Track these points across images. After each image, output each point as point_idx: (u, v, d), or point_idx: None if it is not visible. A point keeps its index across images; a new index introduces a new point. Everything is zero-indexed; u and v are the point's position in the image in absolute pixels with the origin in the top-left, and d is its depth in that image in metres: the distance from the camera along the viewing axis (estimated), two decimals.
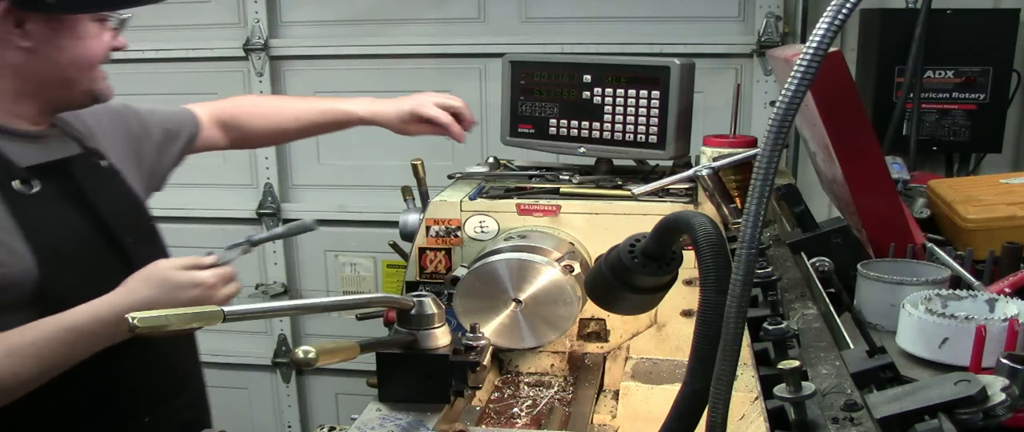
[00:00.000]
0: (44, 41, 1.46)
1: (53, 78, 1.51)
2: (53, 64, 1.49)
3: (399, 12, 3.23)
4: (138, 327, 0.95)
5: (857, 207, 1.69)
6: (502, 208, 1.87)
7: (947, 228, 1.89)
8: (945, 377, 0.98)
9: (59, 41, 1.48)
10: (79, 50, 1.50)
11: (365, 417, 1.31)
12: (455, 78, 3.25)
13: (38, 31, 1.45)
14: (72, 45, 1.49)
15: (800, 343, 1.21)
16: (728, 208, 1.73)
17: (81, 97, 1.57)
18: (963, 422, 0.92)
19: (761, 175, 0.76)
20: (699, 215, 0.94)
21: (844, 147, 1.61)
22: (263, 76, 3.33)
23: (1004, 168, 2.87)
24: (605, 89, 2.03)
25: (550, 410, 1.67)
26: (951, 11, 2.69)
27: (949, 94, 2.74)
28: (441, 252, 1.90)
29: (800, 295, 1.44)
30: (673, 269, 1.11)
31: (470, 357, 1.33)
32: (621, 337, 1.87)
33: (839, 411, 0.95)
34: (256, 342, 3.67)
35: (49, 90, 1.52)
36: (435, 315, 1.32)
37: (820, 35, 0.74)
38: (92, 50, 1.52)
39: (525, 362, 1.88)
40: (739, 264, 0.77)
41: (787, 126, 0.75)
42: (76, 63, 1.51)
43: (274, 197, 3.47)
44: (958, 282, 1.54)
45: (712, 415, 0.81)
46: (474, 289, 1.68)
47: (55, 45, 1.47)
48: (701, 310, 0.88)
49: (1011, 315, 1.24)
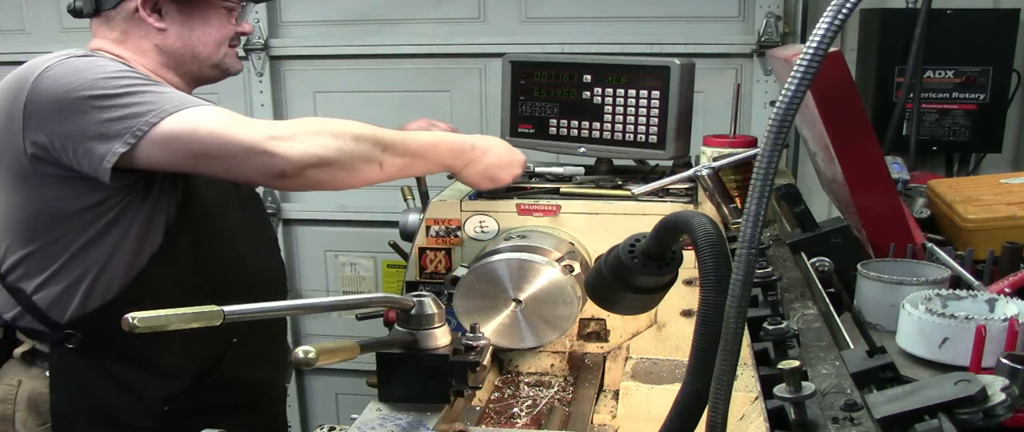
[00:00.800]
0: (176, 23, 1.79)
1: (186, 54, 1.82)
2: (185, 41, 1.80)
3: (399, 12, 3.23)
4: (138, 327, 0.95)
5: (857, 207, 1.69)
6: (502, 208, 1.87)
7: (947, 228, 1.89)
8: (945, 377, 0.98)
9: (190, 23, 1.80)
10: (206, 31, 1.82)
11: (365, 417, 1.31)
12: (455, 78, 3.25)
13: (172, 14, 1.78)
14: (200, 27, 1.81)
15: (800, 343, 1.21)
16: (728, 208, 1.73)
17: (211, 70, 1.88)
18: (963, 422, 0.92)
19: (761, 175, 0.76)
20: (699, 215, 0.94)
21: (844, 147, 1.61)
22: (263, 76, 3.33)
23: (1004, 168, 2.87)
24: (605, 89, 2.03)
25: (550, 410, 1.67)
26: (951, 11, 2.69)
27: (949, 94, 2.74)
28: (441, 252, 1.90)
29: (800, 295, 1.44)
30: (673, 269, 1.11)
31: (470, 357, 1.33)
32: (621, 337, 1.87)
33: (839, 411, 0.95)
34: None
35: (184, 64, 1.83)
36: (435, 315, 1.32)
37: (820, 35, 0.74)
38: (217, 32, 1.83)
39: (525, 362, 1.88)
40: (739, 264, 0.77)
41: (787, 126, 0.75)
42: (203, 41, 1.82)
43: (274, 197, 3.47)
44: (958, 282, 1.54)
45: (712, 415, 0.81)
46: (474, 289, 1.68)
47: (186, 26, 1.80)
48: (701, 310, 0.88)
49: (1011, 315, 1.24)
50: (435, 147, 1.75)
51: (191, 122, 1.56)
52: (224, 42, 1.86)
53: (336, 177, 1.60)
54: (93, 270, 1.69)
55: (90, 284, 1.70)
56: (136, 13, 1.76)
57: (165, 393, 1.79)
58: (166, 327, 0.97)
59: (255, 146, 1.53)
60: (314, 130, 1.58)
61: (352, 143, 1.59)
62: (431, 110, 3.26)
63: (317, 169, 1.56)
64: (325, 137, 1.57)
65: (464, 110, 3.26)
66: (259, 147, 1.53)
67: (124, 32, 1.78)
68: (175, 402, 1.80)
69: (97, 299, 1.71)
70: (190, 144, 1.56)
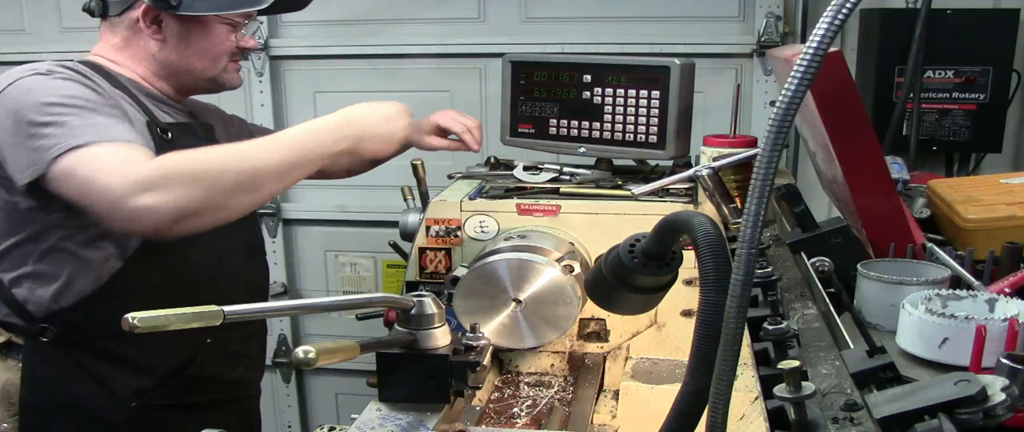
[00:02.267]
0: (174, 36, 1.81)
1: (180, 66, 1.84)
2: (181, 54, 1.83)
3: (399, 12, 3.23)
4: (138, 327, 0.95)
5: (857, 207, 1.69)
6: (502, 208, 1.87)
7: (947, 228, 1.89)
8: (945, 377, 0.98)
9: (188, 38, 1.82)
10: (203, 46, 1.83)
11: (365, 417, 1.31)
12: (455, 78, 3.25)
13: (171, 27, 1.80)
14: (199, 42, 1.82)
15: (800, 343, 1.21)
16: (728, 208, 1.73)
17: (207, 83, 1.90)
18: (963, 422, 0.92)
19: (761, 175, 0.76)
20: (699, 215, 0.94)
21: (844, 147, 1.61)
22: (263, 76, 3.33)
23: (1004, 168, 2.87)
24: (605, 89, 2.03)
25: (550, 410, 1.67)
26: (951, 11, 2.69)
27: (949, 94, 2.74)
28: (441, 252, 1.89)
29: (800, 295, 1.44)
30: (673, 269, 1.11)
31: (470, 357, 1.33)
32: (621, 337, 1.87)
33: (839, 411, 0.95)
34: None
35: (178, 75, 1.86)
36: (435, 315, 1.32)
37: (820, 35, 0.74)
38: (216, 47, 1.85)
39: (525, 362, 1.88)
40: (739, 264, 0.77)
41: (787, 126, 0.75)
42: (200, 56, 1.84)
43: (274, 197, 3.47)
44: (958, 282, 1.54)
45: (712, 415, 0.81)
46: (474, 289, 1.68)
47: (184, 41, 1.82)
48: (701, 310, 0.88)
49: (1011, 315, 1.24)
50: (312, 138, 1.66)
51: (78, 163, 1.50)
52: (223, 57, 1.87)
53: (211, 220, 1.55)
54: (67, 268, 1.71)
55: (65, 282, 1.71)
56: (138, 23, 1.80)
57: (135, 388, 1.79)
58: (166, 327, 0.98)
59: (117, 204, 1.46)
60: (178, 177, 1.48)
61: (217, 180, 1.52)
62: (431, 110, 3.26)
63: (186, 221, 1.50)
64: (188, 186, 1.48)
65: (464, 110, 3.23)
66: (122, 206, 1.46)
67: (125, 39, 1.83)
68: (145, 398, 1.81)
69: (72, 296, 1.72)
70: (71, 186, 1.52)
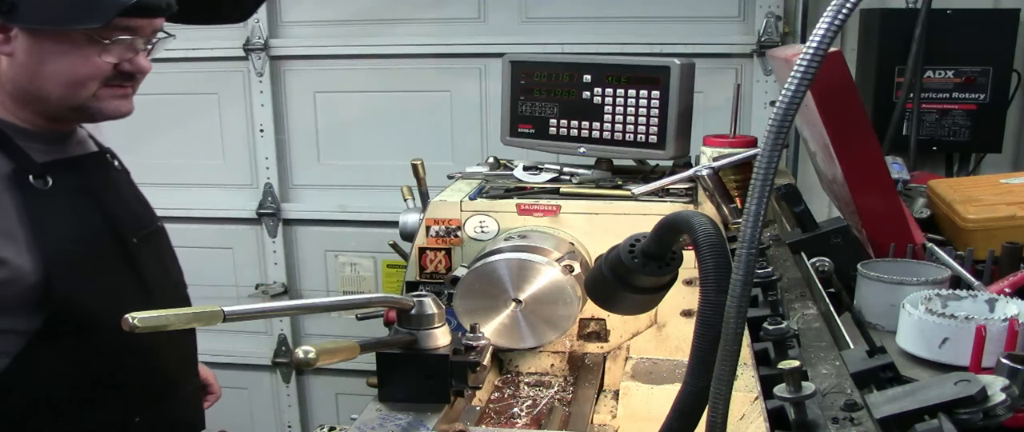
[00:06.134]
0: (23, 51, 1.42)
1: (33, 89, 1.46)
2: (33, 75, 1.44)
3: (399, 12, 3.23)
4: (138, 327, 0.95)
5: (857, 207, 1.69)
6: (502, 208, 1.87)
7: (947, 228, 1.89)
8: (945, 377, 0.98)
9: (40, 54, 1.42)
10: (58, 67, 1.43)
11: (365, 417, 1.31)
12: (455, 78, 3.25)
13: (21, 40, 1.42)
14: (53, 61, 1.43)
15: (800, 343, 1.20)
16: (728, 208, 1.73)
17: (68, 112, 1.51)
18: (963, 422, 0.92)
19: (761, 175, 0.76)
20: (699, 215, 0.94)
21: (844, 147, 1.61)
22: (263, 76, 3.33)
23: (1004, 168, 2.87)
24: (605, 89, 2.03)
25: (550, 410, 1.67)
26: (951, 11, 2.69)
27: (949, 94, 2.74)
28: (441, 252, 1.89)
29: (800, 295, 1.44)
30: (673, 269, 1.11)
31: (470, 357, 1.33)
32: (621, 337, 1.87)
33: (839, 411, 0.95)
34: (256, 342, 3.67)
35: (32, 103, 1.48)
36: (435, 315, 1.32)
37: (820, 35, 0.74)
38: (77, 68, 1.44)
39: (525, 362, 1.88)
40: (739, 264, 0.77)
41: (787, 126, 0.75)
42: (55, 79, 1.44)
43: (274, 197, 3.47)
44: (958, 282, 1.54)
45: (712, 415, 0.81)
46: (474, 289, 1.68)
47: (35, 57, 1.42)
48: (701, 310, 0.88)
49: (1011, 315, 1.24)
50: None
51: None
52: (90, 83, 1.46)
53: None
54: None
55: None
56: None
57: None
58: (166, 327, 0.98)
59: None
60: None
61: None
62: (431, 110, 3.27)
63: None
64: None
65: (464, 110, 3.27)
66: None
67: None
68: None
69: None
70: None
